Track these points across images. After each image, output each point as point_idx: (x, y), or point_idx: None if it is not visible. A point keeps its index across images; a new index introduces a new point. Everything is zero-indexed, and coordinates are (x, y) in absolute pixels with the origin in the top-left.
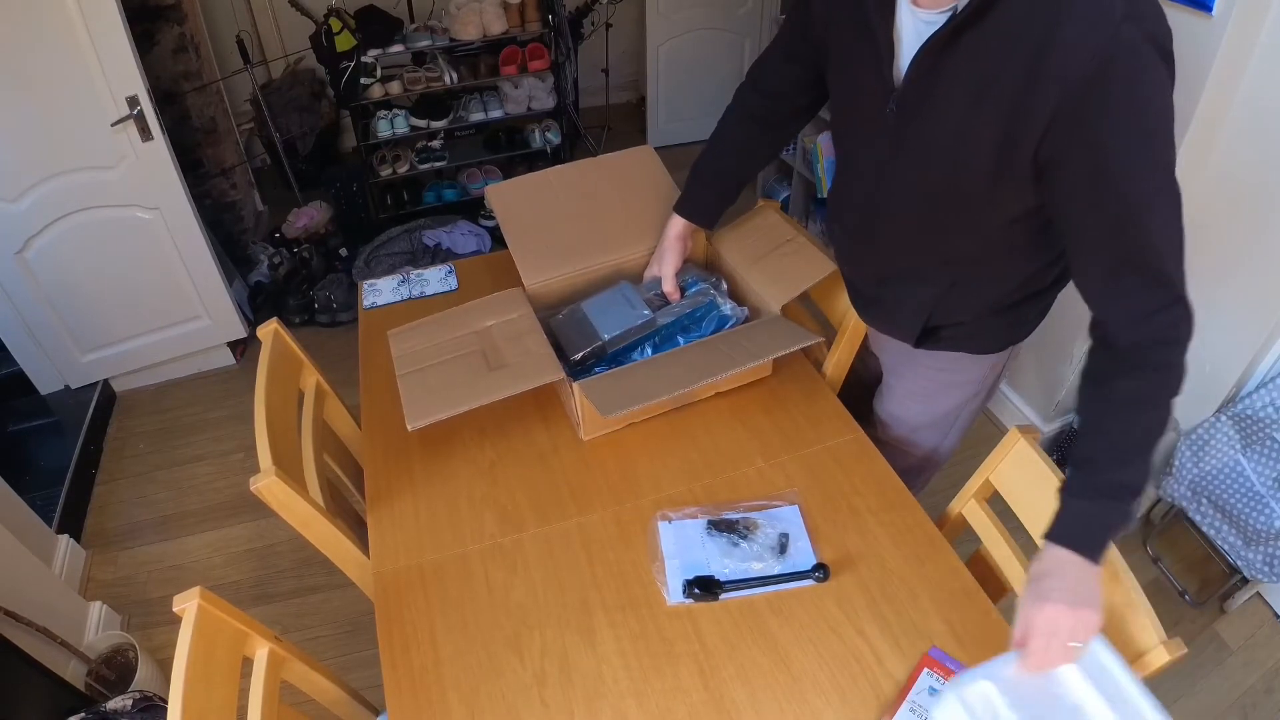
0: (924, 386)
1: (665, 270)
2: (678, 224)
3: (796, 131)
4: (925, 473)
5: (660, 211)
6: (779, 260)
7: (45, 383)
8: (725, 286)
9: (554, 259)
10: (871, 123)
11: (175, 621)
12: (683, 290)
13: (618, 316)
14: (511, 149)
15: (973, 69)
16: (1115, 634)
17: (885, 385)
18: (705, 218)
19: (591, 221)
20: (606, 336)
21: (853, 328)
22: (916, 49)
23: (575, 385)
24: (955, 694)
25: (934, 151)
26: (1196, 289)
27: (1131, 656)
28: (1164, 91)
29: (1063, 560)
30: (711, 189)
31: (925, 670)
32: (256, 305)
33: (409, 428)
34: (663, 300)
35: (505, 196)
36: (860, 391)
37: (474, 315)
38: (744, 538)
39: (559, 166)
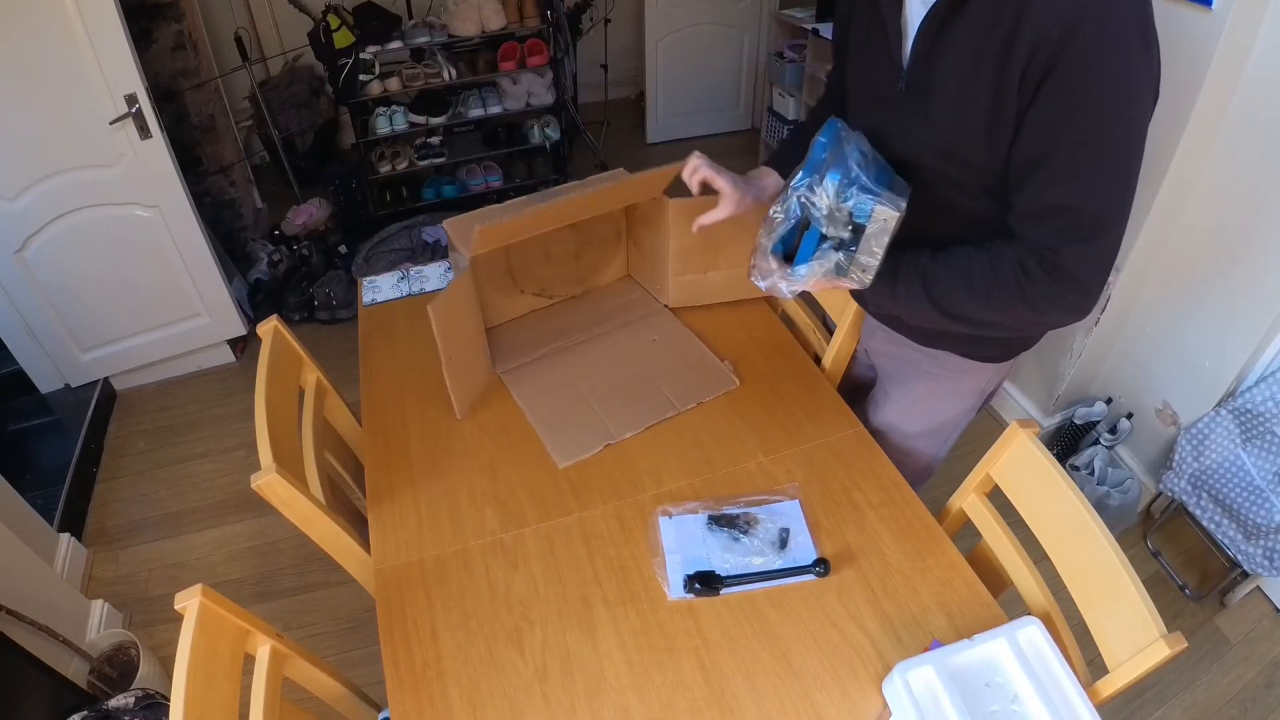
0: (924, 394)
1: (724, 185)
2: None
3: None
4: (919, 483)
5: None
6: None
7: (45, 381)
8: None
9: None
10: (884, 101)
11: (177, 619)
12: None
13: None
14: (510, 145)
15: (968, 39)
16: (1115, 630)
17: (880, 394)
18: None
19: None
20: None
21: (851, 321)
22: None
23: (535, 425)
24: (900, 676)
25: (936, 118)
26: (1197, 284)
27: (1131, 651)
28: (1127, 62)
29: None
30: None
31: None
32: (256, 303)
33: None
34: None
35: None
36: (849, 394)
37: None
38: (744, 533)
39: (516, 200)
